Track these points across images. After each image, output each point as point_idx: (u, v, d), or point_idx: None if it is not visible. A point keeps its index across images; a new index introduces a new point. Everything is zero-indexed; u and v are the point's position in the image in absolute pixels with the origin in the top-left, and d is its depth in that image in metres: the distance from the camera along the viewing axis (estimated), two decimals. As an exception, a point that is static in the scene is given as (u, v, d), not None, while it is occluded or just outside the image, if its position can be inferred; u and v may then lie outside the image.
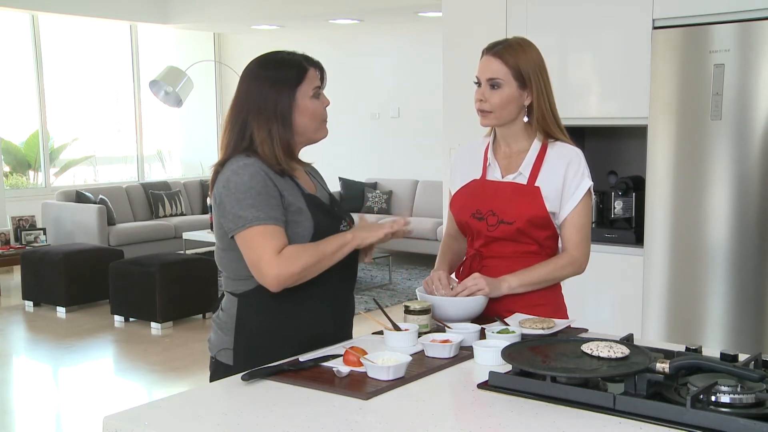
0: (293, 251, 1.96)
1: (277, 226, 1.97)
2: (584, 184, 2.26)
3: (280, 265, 1.94)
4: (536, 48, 2.31)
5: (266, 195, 1.97)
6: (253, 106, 2.04)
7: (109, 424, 1.55)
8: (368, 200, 9.50)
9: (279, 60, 2.10)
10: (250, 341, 2.03)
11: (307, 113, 2.06)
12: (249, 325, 2.03)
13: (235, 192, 1.98)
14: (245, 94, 2.06)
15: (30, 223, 8.49)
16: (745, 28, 3.46)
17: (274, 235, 1.96)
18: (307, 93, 2.06)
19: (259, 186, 1.97)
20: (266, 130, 2.02)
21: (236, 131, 2.06)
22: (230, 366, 2.02)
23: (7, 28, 9.67)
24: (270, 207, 1.97)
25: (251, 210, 1.96)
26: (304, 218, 2.02)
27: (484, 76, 2.27)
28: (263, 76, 2.06)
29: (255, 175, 1.98)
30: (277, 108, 2.03)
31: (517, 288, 2.23)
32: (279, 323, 2.02)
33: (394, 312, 2.23)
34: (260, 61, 2.10)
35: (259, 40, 10.57)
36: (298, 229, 2.01)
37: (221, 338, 2.08)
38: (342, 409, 1.58)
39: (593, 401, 1.55)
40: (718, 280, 3.59)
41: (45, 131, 9.83)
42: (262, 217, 1.96)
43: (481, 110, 2.28)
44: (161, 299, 6.25)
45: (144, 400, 4.76)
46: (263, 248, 1.95)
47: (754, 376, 1.51)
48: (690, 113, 3.62)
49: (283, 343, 2.00)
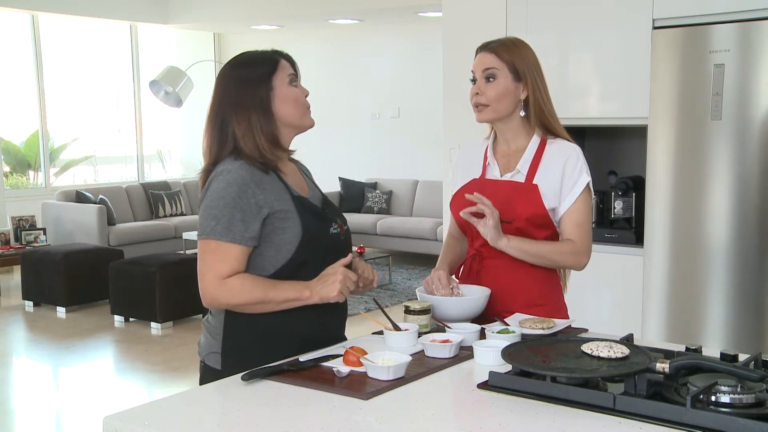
0: (238, 285, 1.92)
1: (234, 245, 1.92)
2: (582, 179, 2.25)
3: (219, 292, 1.92)
4: (530, 48, 2.32)
5: (233, 208, 1.92)
6: (230, 104, 2.01)
7: (109, 424, 1.55)
8: (368, 200, 9.50)
9: (249, 57, 2.08)
10: (237, 345, 2.01)
11: (288, 100, 2.02)
12: (236, 329, 2.01)
13: (208, 197, 1.96)
14: (221, 95, 2.03)
15: (30, 223, 8.49)
16: (745, 28, 3.46)
17: (225, 255, 1.92)
18: (283, 80, 2.03)
19: (230, 197, 1.92)
20: (246, 122, 1.99)
21: (216, 134, 2.02)
22: (218, 370, 2.00)
23: (7, 28, 9.67)
24: (233, 221, 1.91)
25: (212, 221, 1.93)
26: (291, 224, 1.97)
27: (478, 69, 2.28)
28: (236, 75, 2.03)
29: (231, 185, 1.93)
30: (255, 99, 1.99)
31: (513, 249, 2.20)
32: (267, 327, 1.99)
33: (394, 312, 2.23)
34: (231, 63, 2.08)
35: (259, 40, 10.57)
36: (285, 235, 1.96)
37: (210, 342, 2.06)
38: (342, 409, 1.58)
39: (593, 401, 1.55)
40: (718, 280, 3.59)
41: (45, 131, 9.83)
42: (219, 231, 1.91)
43: (477, 104, 2.28)
44: (161, 299, 6.25)
45: (144, 400, 4.76)
46: (209, 267, 1.93)
47: (754, 376, 1.51)
48: (690, 113, 3.62)
49: (271, 347, 1.97)
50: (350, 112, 10.11)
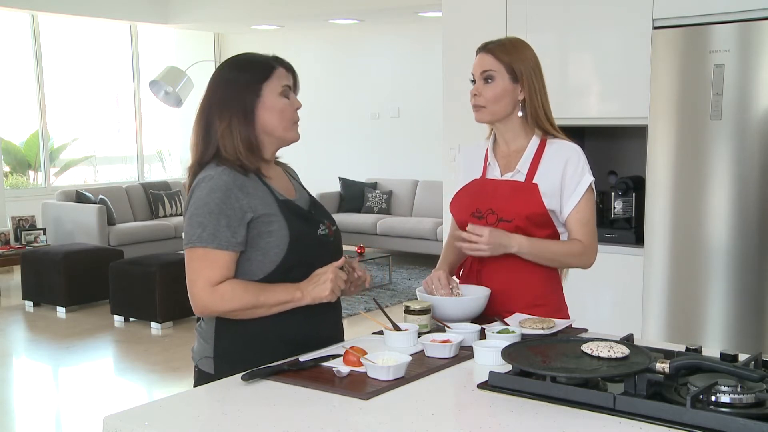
0: (229, 291, 1.92)
1: (221, 251, 1.91)
2: (585, 180, 2.26)
3: (210, 300, 1.92)
4: (531, 48, 2.31)
5: (218, 214, 1.91)
6: (216, 103, 2.00)
7: (109, 424, 1.55)
8: (368, 200, 9.50)
9: (246, 59, 2.07)
10: (229, 349, 2.00)
11: (275, 110, 2.00)
12: (228, 333, 2.00)
13: (192, 205, 1.95)
14: (210, 93, 2.02)
15: (30, 223, 8.49)
16: (745, 28, 3.46)
17: (214, 262, 1.91)
18: (274, 90, 2.00)
19: (213, 204, 1.91)
20: (226, 124, 1.97)
21: (202, 132, 2.01)
22: (211, 374, 2.00)
23: (7, 28, 9.67)
24: (219, 228, 1.90)
25: (198, 229, 1.92)
26: (277, 227, 1.96)
27: (477, 71, 2.29)
28: (231, 75, 2.02)
29: (214, 191, 1.92)
30: (240, 103, 1.98)
31: (525, 253, 2.20)
32: (258, 331, 1.98)
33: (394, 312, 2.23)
34: (228, 63, 2.07)
35: (259, 40, 10.57)
36: (272, 239, 1.95)
37: (203, 347, 2.05)
38: (342, 409, 1.58)
39: (593, 401, 1.55)
40: (718, 280, 3.59)
41: (45, 131, 9.83)
42: (205, 238, 1.91)
43: (475, 105, 2.29)
44: (161, 299, 6.25)
45: (144, 400, 4.76)
46: (198, 274, 1.92)
47: (754, 376, 1.51)
48: (690, 113, 3.62)
49: (263, 351, 1.96)
50: (350, 112, 10.11)
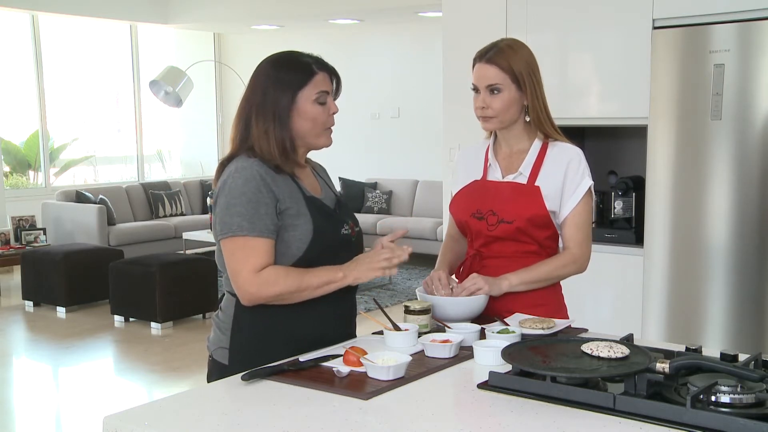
0: (273, 275, 1.94)
1: (262, 238, 1.94)
2: (584, 183, 2.26)
3: (256, 286, 1.93)
4: (527, 48, 2.30)
5: (257, 203, 1.94)
6: (256, 103, 2.04)
7: (109, 424, 1.55)
8: (368, 200, 9.50)
9: (288, 60, 2.09)
10: (245, 342, 2.03)
11: (308, 117, 2.04)
12: (246, 325, 2.03)
13: (227, 196, 1.97)
14: (251, 90, 2.06)
15: (30, 223, 8.48)
16: (745, 28, 3.46)
17: (256, 250, 1.94)
18: (309, 97, 2.04)
19: (251, 192, 1.95)
20: (263, 128, 2.01)
21: (241, 127, 2.06)
22: (225, 365, 2.02)
23: (7, 28, 9.67)
24: (258, 216, 1.94)
25: (237, 218, 1.94)
26: (303, 221, 1.99)
27: (482, 83, 2.26)
28: (271, 75, 2.05)
29: (249, 181, 1.95)
30: (276, 108, 2.02)
31: (518, 286, 2.23)
32: (276, 324, 2.01)
33: (394, 312, 2.23)
34: (272, 60, 2.09)
35: (259, 40, 10.57)
36: (296, 232, 1.99)
37: (219, 337, 2.08)
38: (342, 409, 1.58)
39: (593, 401, 1.55)
40: (718, 280, 3.59)
41: (45, 131, 9.83)
42: (246, 227, 1.93)
43: (483, 117, 2.28)
44: (161, 299, 6.25)
45: (144, 400, 4.76)
46: (243, 263, 1.94)
47: (754, 376, 1.51)
48: (690, 113, 3.62)
49: (279, 345, 1.99)
50: (350, 112, 10.09)
